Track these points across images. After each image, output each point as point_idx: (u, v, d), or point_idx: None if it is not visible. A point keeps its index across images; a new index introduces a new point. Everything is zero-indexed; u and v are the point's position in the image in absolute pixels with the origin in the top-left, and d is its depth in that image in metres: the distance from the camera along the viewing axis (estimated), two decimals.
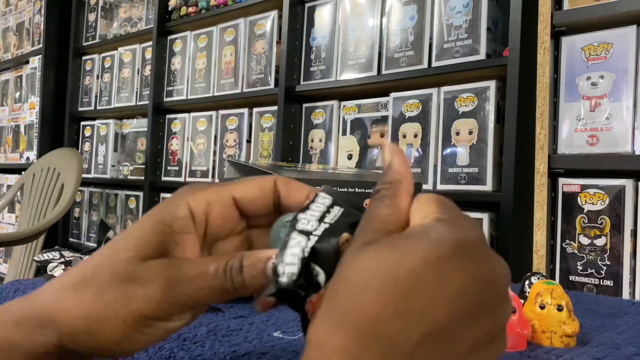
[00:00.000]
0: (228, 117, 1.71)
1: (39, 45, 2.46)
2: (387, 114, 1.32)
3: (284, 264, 0.27)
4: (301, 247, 0.27)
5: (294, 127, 1.51)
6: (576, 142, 0.98)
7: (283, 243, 0.27)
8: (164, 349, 0.46)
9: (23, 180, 2.07)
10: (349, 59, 1.39)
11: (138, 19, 2.11)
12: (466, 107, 1.16)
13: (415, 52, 1.26)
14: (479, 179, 1.13)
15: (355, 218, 0.28)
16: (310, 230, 0.28)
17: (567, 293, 0.57)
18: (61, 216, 1.78)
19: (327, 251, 0.27)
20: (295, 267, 0.27)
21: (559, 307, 0.52)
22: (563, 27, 1.00)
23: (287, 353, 0.42)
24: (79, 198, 2.29)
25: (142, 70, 2.06)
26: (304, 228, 0.28)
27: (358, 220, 0.27)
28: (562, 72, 1.00)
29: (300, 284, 0.27)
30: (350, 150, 1.39)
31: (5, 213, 2.52)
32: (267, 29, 1.60)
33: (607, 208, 0.94)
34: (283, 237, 0.28)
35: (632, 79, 0.93)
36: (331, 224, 0.28)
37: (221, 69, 1.73)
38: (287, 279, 0.27)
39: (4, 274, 2.44)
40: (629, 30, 0.94)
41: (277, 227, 0.31)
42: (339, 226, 0.28)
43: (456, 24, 1.19)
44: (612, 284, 0.92)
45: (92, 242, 2.21)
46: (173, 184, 1.87)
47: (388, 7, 1.33)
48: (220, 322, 0.52)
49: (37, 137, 2.41)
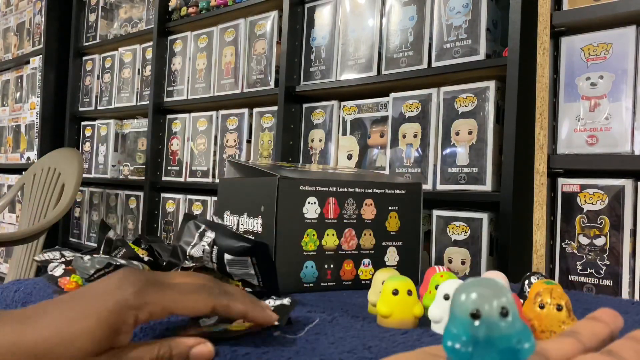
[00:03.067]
0: (228, 117, 1.71)
1: (39, 45, 2.46)
2: (387, 114, 1.32)
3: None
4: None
5: (294, 127, 1.51)
6: (576, 142, 0.98)
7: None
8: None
9: (23, 180, 2.08)
10: (349, 59, 1.39)
11: (138, 19, 2.11)
12: (466, 107, 1.16)
13: (415, 52, 1.26)
14: (478, 179, 1.13)
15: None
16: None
17: (567, 293, 0.58)
18: (62, 216, 1.78)
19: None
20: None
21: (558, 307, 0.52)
22: (563, 28, 1.00)
23: (287, 353, 0.43)
24: (80, 198, 2.29)
25: (143, 71, 2.06)
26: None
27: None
28: (562, 72, 1.01)
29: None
30: (350, 150, 1.40)
31: (6, 213, 2.53)
32: (267, 29, 1.61)
33: (607, 208, 0.94)
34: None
35: (631, 79, 0.93)
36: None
37: (221, 69, 1.74)
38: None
39: (4, 274, 2.44)
40: (628, 30, 0.94)
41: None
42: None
43: (456, 24, 1.19)
44: (611, 283, 0.93)
45: (93, 242, 2.22)
46: (173, 183, 1.87)
47: (388, 7, 1.33)
48: None
49: (37, 137, 2.42)
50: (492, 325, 0.23)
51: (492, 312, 0.23)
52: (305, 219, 0.72)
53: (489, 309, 0.23)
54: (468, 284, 0.24)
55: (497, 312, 0.23)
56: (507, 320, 0.23)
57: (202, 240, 0.60)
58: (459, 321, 0.23)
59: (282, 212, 0.71)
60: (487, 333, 0.23)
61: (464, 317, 0.23)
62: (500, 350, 0.23)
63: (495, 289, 0.24)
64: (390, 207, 0.79)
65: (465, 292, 0.24)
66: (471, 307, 0.23)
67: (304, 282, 0.73)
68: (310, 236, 0.73)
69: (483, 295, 0.23)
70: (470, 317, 0.23)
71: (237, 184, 0.83)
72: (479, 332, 0.23)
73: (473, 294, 0.23)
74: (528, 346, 0.23)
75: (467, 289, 0.24)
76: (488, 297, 0.23)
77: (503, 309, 0.23)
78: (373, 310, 0.59)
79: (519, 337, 0.23)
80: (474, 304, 0.23)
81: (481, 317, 0.23)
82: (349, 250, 0.76)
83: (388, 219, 0.79)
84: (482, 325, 0.23)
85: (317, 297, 0.69)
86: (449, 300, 0.51)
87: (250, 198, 0.77)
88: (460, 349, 0.23)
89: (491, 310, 0.23)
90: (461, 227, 1.14)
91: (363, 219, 0.77)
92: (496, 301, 0.23)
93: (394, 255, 0.80)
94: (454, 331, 0.24)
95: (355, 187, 0.76)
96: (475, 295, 0.23)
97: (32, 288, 0.67)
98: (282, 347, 0.44)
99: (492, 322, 0.23)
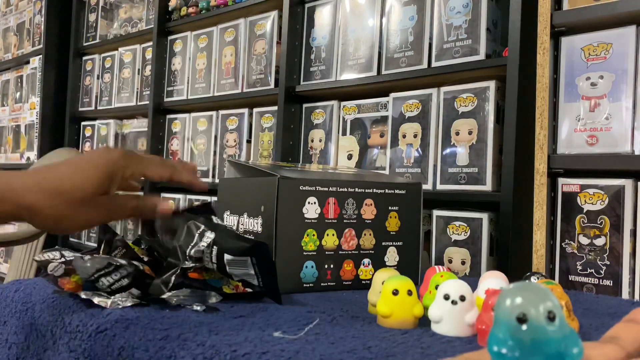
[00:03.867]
0: (228, 117, 1.71)
1: (39, 45, 2.46)
2: (387, 114, 1.32)
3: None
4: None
5: (294, 127, 1.51)
6: (576, 142, 0.98)
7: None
8: (165, 349, 0.46)
9: None
10: (349, 59, 1.39)
11: (138, 19, 2.11)
12: (466, 107, 1.16)
13: (415, 52, 1.26)
14: (478, 179, 1.13)
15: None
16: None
17: (567, 293, 0.58)
18: None
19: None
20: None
21: None
22: (563, 27, 1.00)
23: (287, 353, 0.43)
24: None
25: (143, 71, 2.06)
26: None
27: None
28: (562, 72, 1.00)
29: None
30: (350, 150, 1.40)
31: None
32: (267, 29, 1.61)
33: (607, 208, 0.94)
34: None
35: (631, 79, 0.93)
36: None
37: (221, 69, 1.74)
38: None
39: (4, 274, 2.44)
40: (628, 30, 0.94)
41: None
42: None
43: (456, 24, 1.19)
44: (611, 283, 0.93)
45: (93, 242, 2.21)
46: (173, 183, 1.87)
47: (388, 7, 1.33)
48: (221, 322, 0.53)
49: (37, 137, 2.41)
50: (539, 330, 0.23)
51: (538, 316, 0.23)
52: (305, 219, 0.72)
53: (535, 313, 0.23)
54: (513, 288, 0.24)
55: (544, 316, 0.23)
56: (554, 325, 0.23)
57: (202, 241, 0.60)
58: (505, 325, 0.23)
59: (282, 212, 0.71)
60: (533, 337, 0.23)
61: (510, 321, 0.23)
62: (548, 355, 0.23)
63: (541, 293, 0.23)
64: (390, 207, 0.79)
65: (510, 297, 0.23)
66: (517, 312, 0.23)
67: (304, 282, 0.73)
68: (310, 236, 0.73)
69: (529, 299, 0.23)
70: (516, 321, 0.23)
71: (237, 184, 0.83)
72: (525, 336, 0.23)
73: (518, 298, 0.23)
74: (577, 351, 0.23)
75: (512, 293, 0.24)
76: (534, 301, 0.23)
77: (550, 312, 0.23)
78: (373, 310, 0.59)
79: (567, 342, 0.23)
80: (520, 308, 0.23)
81: (528, 321, 0.23)
82: (349, 250, 0.76)
83: (388, 219, 0.79)
84: (528, 329, 0.23)
85: (317, 297, 0.69)
86: (449, 300, 0.51)
87: (250, 198, 0.77)
88: (507, 354, 0.23)
89: (538, 315, 0.23)
90: (461, 227, 1.14)
91: (363, 219, 0.77)
92: (542, 305, 0.23)
93: (394, 255, 0.80)
94: (499, 335, 0.23)
95: (355, 187, 0.76)
96: (520, 300, 0.23)
97: (32, 288, 0.67)
98: (282, 347, 0.44)
99: (539, 326, 0.23)
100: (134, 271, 0.58)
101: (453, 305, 0.51)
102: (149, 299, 0.59)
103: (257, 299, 0.64)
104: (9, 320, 0.67)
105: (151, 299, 0.59)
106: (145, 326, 0.50)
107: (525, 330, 0.23)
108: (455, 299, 0.51)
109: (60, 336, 0.56)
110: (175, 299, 0.59)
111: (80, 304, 0.59)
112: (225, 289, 0.64)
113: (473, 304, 0.52)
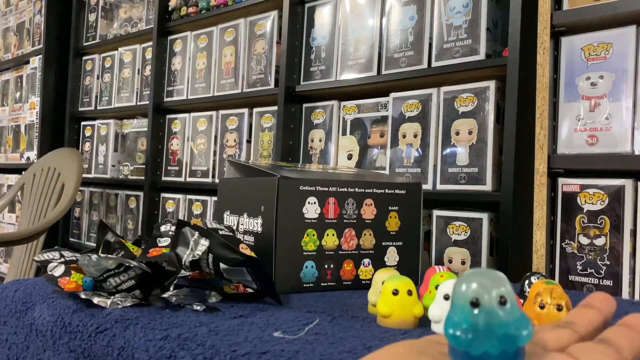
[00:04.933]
0: (228, 117, 1.71)
1: (39, 45, 2.46)
2: (387, 114, 1.32)
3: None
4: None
5: (294, 127, 1.51)
6: (576, 142, 0.98)
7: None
8: (165, 349, 0.46)
9: (23, 180, 2.07)
10: (349, 59, 1.39)
11: (138, 19, 2.11)
12: (466, 107, 1.16)
13: (415, 52, 1.26)
14: (478, 179, 1.13)
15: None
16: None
17: (567, 293, 0.58)
18: (61, 216, 1.78)
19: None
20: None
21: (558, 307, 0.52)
22: (563, 27, 1.00)
23: (287, 353, 0.43)
24: (79, 198, 2.29)
25: (143, 71, 2.06)
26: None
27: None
28: (562, 72, 1.01)
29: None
30: (350, 150, 1.39)
31: (6, 213, 2.52)
32: (267, 29, 1.61)
33: (607, 208, 0.94)
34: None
35: (631, 79, 0.93)
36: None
37: (221, 69, 1.74)
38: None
39: (4, 274, 2.44)
40: (628, 30, 0.94)
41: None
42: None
43: (456, 24, 1.19)
44: (611, 283, 0.93)
45: (92, 242, 2.21)
46: (173, 183, 1.87)
47: (388, 7, 1.33)
48: (221, 322, 0.53)
49: (37, 137, 2.41)
50: (491, 313, 0.24)
51: (491, 300, 0.24)
52: (305, 219, 0.72)
53: (488, 298, 0.24)
54: (469, 274, 0.25)
55: (496, 301, 0.24)
56: (506, 309, 0.24)
57: (197, 249, 0.60)
58: (460, 309, 0.24)
59: (282, 212, 0.71)
60: (486, 320, 0.24)
61: (464, 305, 0.24)
62: (499, 337, 0.24)
63: (494, 279, 0.24)
64: (390, 207, 0.79)
65: (465, 282, 0.25)
66: (471, 296, 0.24)
67: (304, 282, 0.73)
68: (310, 236, 0.73)
69: (482, 285, 0.24)
70: (470, 305, 0.24)
71: (237, 184, 0.83)
72: (478, 319, 0.24)
73: (473, 283, 0.24)
74: (526, 333, 0.24)
75: (467, 279, 0.25)
76: (487, 286, 0.24)
77: (502, 297, 0.24)
78: (373, 310, 0.59)
79: (517, 325, 0.24)
80: (474, 293, 0.24)
81: (480, 305, 0.24)
82: (349, 250, 0.76)
83: (388, 219, 0.79)
84: (481, 313, 0.24)
85: (317, 297, 0.69)
86: (449, 300, 0.51)
87: (250, 198, 0.77)
88: (461, 336, 0.24)
89: (490, 299, 0.24)
90: (461, 227, 1.14)
91: (363, 219, 0.77)
92: (495, 290, 0.24)
93: (394, 255, 0.80)
94: (454, 319, 0.24)
95: (355, 187, 0.76)
96: (475, 285, 0.24)
97: (32, 288, 0.67)
98: (282, 347, 0.44)
99: (491, 310, 0.24)
100: (142, 273, 0.58)
101: None
102: (148, 299, 0.59)
103: (257, 299, 0.64)
104: (8, 320, 0.67)
105: (151, 299, 0.59)
106: (145, 326, 0.50)
107: (477, 313, 0.24)
108: None
109: (60, 336, 0.56)
110: (175, 298, 0.59)
111: (80, 304, 0.59)
112: (226, 288, 0.64)
113: None
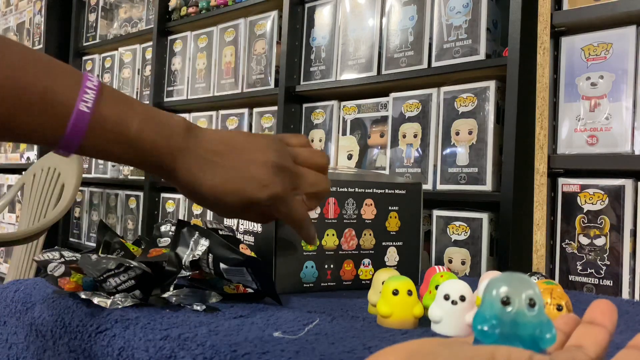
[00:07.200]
0: (228, 117, 1.71)
1: (39, 45, 2.46)
2: (387, 114, 1.32)
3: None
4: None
5: (294, 127, 1.51)
6: (576, 142, 0.98)
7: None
8: (165, 349, 0.46)
9: (23, 180, 2.07)
10: (349, 59, 1.39)
11: (138, 19, 2.11)
12: (466, 107, 1.16)
13: (415, 52, 1.26)
14: (478, 179, 1.13)
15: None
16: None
17: (567, 293, 0.58)
18: (61, 216, 1.78)
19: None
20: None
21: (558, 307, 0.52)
22: (563, 27, 1.00)
23: (287, 353, 0.43)
24: (80, 198, 2.29)
25: (143, 71, 2.06)
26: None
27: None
28: (562, 72, 1.01)
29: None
30: (350, 150, 1.39)
31: (6, 213, 2.52)
32: (267, 29, 1.61)
33: (607, 208, 0.94)
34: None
35: (631, 79, 0.93)
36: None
37: (221, 69, 1.74)
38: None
39: (4, 274, 2.44)
40: (628, 30, 0.94)
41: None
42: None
43: (456, 24, 1.19)
44: (611, 283, 0.93)
45: (92, 242, 2.21)
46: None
47: (388, 7, 1.33)
48: (221, 322, 0.53)
49: None
50: (519, 313, 0.26)
51: (521, 301, 0.26)
52: None
53: (518, 299, 0.26)
54: (502, 276, 0.27)
55: (526, 302, 0.26)
56: (534, 311, 0.26)
57: (197, 249, 0.60)
58: (490, 306, 0.26)
59: None
60: (514, 319, 0.26)
61: (495, 303, 0.26)
62: (524, 337, 0.26)
63: (526, 282, 0.27)
64: (390, 207, 0.79)
65: (498, 282, 0.27)
66: (502, 295, 0.26)
67: (304, 282, 0.73)
68: None
69: (514, 286, 0.26)
70: (501, 303, 0.26)
71: None
72: (507, 317, 0.26)
73: (506, 284, 0.26)
74: (549, 337, 0.26)
75: (500, 280, 0.27)
76: (519, 288, 0.26)
77: (531, 300, 0.26)
78: (373, 310, 0.59)
79: (542, 328, 0.26)
80: (506, 293, 0.26)
81: (510, 304, 0.26)
82: (349, 250, 0.76)
83: (388, 219, 0.79)
84: (510, 311, 0.26)
85: (317, 297, 0.69)
86: (449, 300, 0.51)
87: None
88: (489, 331, 0.26)
89: (520, 300, 0.26)
90: (461, 227, 1.14)
91: (363, 219, 0.77)
92: (525, 292, 0.26)
93: (394, 255, 0.80)
94: (484, 315, 0.26)
95: (355, 187, 0.76)
96: (507, 286, 0.26)
97: (32, 288, 0.67)
98: (282, 347, 0.44)
99: (520, 310, 0.26)
100: (142, 273, 0.57)
101: (453, 305, 0.51)
102: (148, 299, 0.59)
103: (257, 299, 0.64)
104: (9, 320, 0.67)
105: (151, 299, 0.59)
106: (145, 326, 0.50)
107: (508, 312, 0.26)
108: (455, 299, 0.51)
109: (60, 336, 0.56)
110: (175, 298, 0.59)
111: (80, 304, 0.59)
112: (226, 288, 0.64)
113: (473, 304, 0.52)
